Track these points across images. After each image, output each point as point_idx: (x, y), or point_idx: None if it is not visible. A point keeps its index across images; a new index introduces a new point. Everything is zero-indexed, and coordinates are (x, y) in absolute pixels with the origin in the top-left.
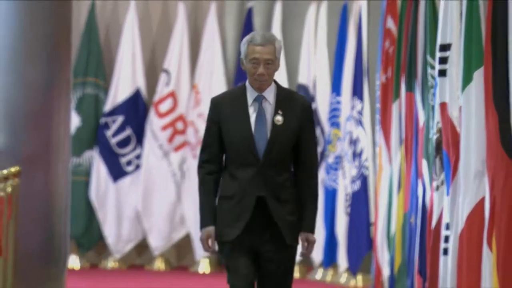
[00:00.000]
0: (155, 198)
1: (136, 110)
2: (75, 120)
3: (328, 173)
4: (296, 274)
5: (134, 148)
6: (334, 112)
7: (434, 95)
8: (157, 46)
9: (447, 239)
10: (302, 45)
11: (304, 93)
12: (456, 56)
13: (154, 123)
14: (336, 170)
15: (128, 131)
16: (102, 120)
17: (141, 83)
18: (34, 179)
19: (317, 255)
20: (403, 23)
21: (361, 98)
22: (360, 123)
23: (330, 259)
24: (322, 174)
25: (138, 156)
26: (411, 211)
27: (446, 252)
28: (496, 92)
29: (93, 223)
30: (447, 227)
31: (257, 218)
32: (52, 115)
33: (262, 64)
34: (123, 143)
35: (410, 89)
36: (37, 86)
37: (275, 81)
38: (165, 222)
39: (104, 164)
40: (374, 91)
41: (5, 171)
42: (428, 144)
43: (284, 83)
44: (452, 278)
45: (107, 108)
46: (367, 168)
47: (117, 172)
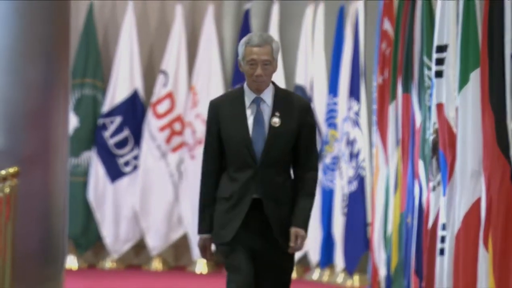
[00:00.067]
0: (152, 198)
1: (134, 111)
2: (73, 121)
3: (325, 173)
4: (293, 275)
5: (132, 149)
6: (331, 113)
7: (430, 96)
8: (155, 47)
9: (443, 239)
10: (299, 46)
11: (301, 94)
12: (452, 57)
13: (152, 124)
14: (333, 170)
15: (126, 132)
16: (100, 121)
17: (139, 84)
18: (33, 180)
19: (314, 255)
20: (399, 24)
21: (358, 99)
22: (357, 124)
23: (327, 259)
24: (319, 175)
25: (136, 157)
26: (407, 212)
27: (442, 252)
28: (493, 93)
29: (91, 223)
30: (444, 227)
31: (254, 220)
32: (50, 115)
33: (260, 65)
34: (121, 144)
35: (407, 90)
36: (35, 87)
37: (273, 82)
38: (162, 223)
39: (102, 164)
40: (371, 92)
41: (3, 172)
42: (424, 144)
43: (281, 84)
44: (448, 278)
45: (105, 109)
46: (364, 168)
47: (115, 172)
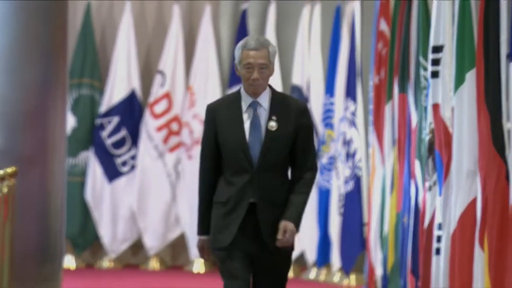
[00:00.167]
0: (150, 198)
1: (131, 111)
2: (71, 121)
3: (321, 173)
4: (290, 274)
5: (130, 149)
6: (328, 113)
7: (426, 96)
8: (152, 47)
9: (439, 239)
10: (296, 46)
11: (298, 94)
12: (448, 58)
13: (149, 124)
14: (329, 170)
15: (123, 132)
16: (98, 121)
17: (136, 84)
18: (30, 180)
19: (310, 254)
20: (396, 25)
21: (354, 99)
22: (353, 124)
23: (323, 259)
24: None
25: (134, 157)
26: (403, 211)
27: (438, 251)
28: (488, 93)
29: (88, 223)
30: (440, 227)
31: (251, 224)
32: (48, 115)
33: (256, 69)
34: (119, 144)
35: (403, 90)
36: (33, 87)
37: (270, 86)
38: (160, 222)
39: (100, 164)
40: (367, 92)
41: (1, 172)
42: (420, 144)
43: (278, 84)
44: (444, 278)
45: (103, 109)
46: (360, 168)
47: (112, 172)
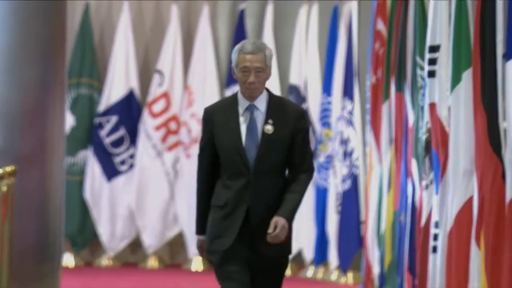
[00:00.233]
0: (148, 197)
1: (130, 110)
2: (70, 120)
3: (319, 172)
4: (288, 272)
5: (128, 148)
6: (325, 112)
7: (423, 95)
8: (150, 47)
9: (436, 237)
10: (294, 46)
11: (296, 93)
12: (445, 57)
13: (148, 123)
14: (327, 169)
15: (122, 131)
16: (96, 120)
17: (134, 84)
18: (29, 178)
19: (308, 253)
20: (393, 25)
21: (351, 99)
22: (350, 123)
23: (321, 257)
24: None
25: (132, 156)
26: (400, 210)
27: (435, 250)
28: (485, 92)
29: (87, 221)
30: (436, 225)
31: (248, 230)
32: (47, 115)
33: (253, 73)
34: (117, 143)
35: (400, 89)
36: (32, 86)
37: (268, 89)
38: (158, 221)
39: (98, 163)
40: (364, 92)
41: (0, 170)
42: (417, 143)
43: (276, 84)
44: (441, 276)
45: (101, 108)
46: (357, 167)
47: (111, 171)
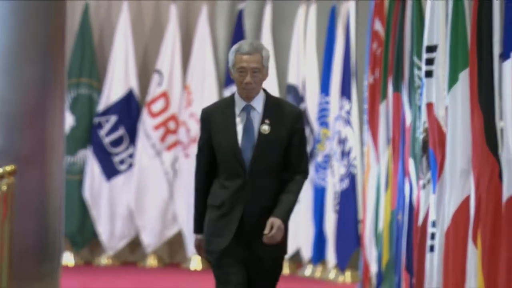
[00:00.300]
0: (147, 196)
1: (129, 110)
2: (69, 120)
3: (317, 171)
4: (286, 271)
5: (127, 147)
6: (323, 112)
7: (420, 95)
8: (149, 47)
9: (433, 236)
10: (292, 46)
11: (294, 93)
12: (442, 57)
13: (147, 123)
14: (325, 168)
15: (121, 131)
16: (96, 120)
17: (134, 84)
18: (29, 178)
19: (306, 251)
20: (390, 25)
21: (349, 98)
22: (348, 122)
23: (319, 256)
24: (311, 173)
25: (131, 155)
26: (398, 209)
27: (432, 249)
28: (482, 92)
29: (87, 221)
30: (434, 224)
31: (244, 229)
32: (47, 114)
33: (249, 73)
34: (116, 143)
35: (397, 89)
36: (32, 86)
37: (265, 90)
38: (157, 220)
39: (98, 163)
40: (362, 92)
41: (0, 170)
42: (415, 143)
43: (274, 84)
44: (438, 274)
45: (101, 108)
46: (355, 166)
47: (110, 170)
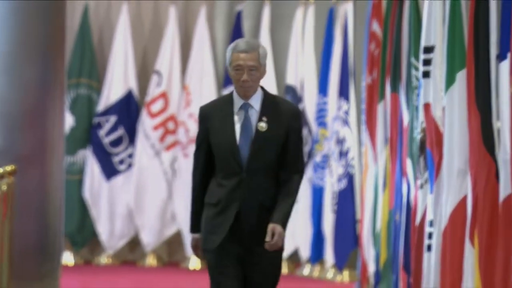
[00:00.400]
0: (147, 196)
1: (129, 111)
2: (69, 120)
3: (315, 171)
4: (284, 270)
5: (127, 148)
6: (321, 112)
7: (418, 95)
8: (148, 48)
9: (430, 235)
10: (290, 47)
11: (292, 94)
12: (439, 58)
13: (146, 123)
14: (323, 168)
15: (120, 131)
16: (95, 120)
17: (133, 84)
18: (29, 178)
19: (304, 251)
20: (388, 26)
21: (347, 99)
22: (346, 123)
23: (317, 255)
24: (309, 173)
25: (131, 155)
26: (396, 209)
27: (429, 248)
28: (479, 92)
29: (86, 220)
30: (431, 224)
31: (241, 227)
32: (46, 115)
33: (246, 71)
34: (116, 143)
35: (395, 90)
36: (32, 86)
37: (263, 88)
38: (156, 219)
39: (97, 163)
40: (359, 92)
41: (0, 170)
42: (412, 143)
43: (272, 84)
44: (435, 273)
45: (100, 108)
46: (353, 166)
47: (110, 170)
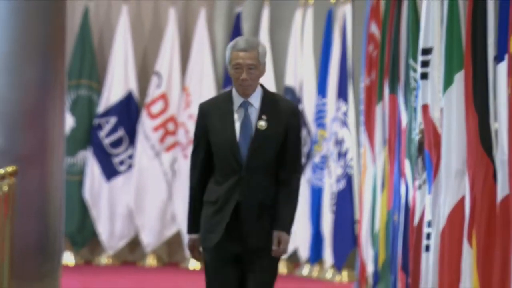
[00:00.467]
0: (147, 196)
1: (129, 112)
2: (70, 121)
3: (314, 172)
4: (284, 270)
5: (127, 148)
6: (320, 113)
7: (416, 97)
8: (148, 49)
9: (429, 236)
10: (289, 48)
11: (291, 95)
12: (437, 60)
13: (146, 124)
14: (322, 169)
15: (120, 132)
16: (96, 121)
17: (133, 85)
18: (30, 178)
19: (303, 251)
20: (386, 28)
21: (346, 100)
22: (345, 124)
23: (316, 256)
24: (308, 173)
25: (131, 156)
26: (394, 209)
27: (428, 248)
28: (476, 94)
29: (87, 220)
30: (429, 224)
31: (239, 224)
32: (47, 116)
33: (245, 70)
34: (116, 144)
35: (393, 91)
36: (32, 87)
37: (262, 86)
38: (156, 220)
39: (98, 163)
40: (358, 93)
41: (1, 171)
42: (410, 144)
43: (272, 85)
44: (433, 274)
45: (100, 109)
46: (352, 167)
47: (110, 171)
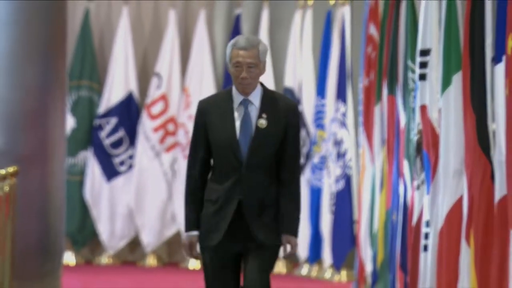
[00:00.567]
0: (147, 196)
1: (129, 112)
2: (70, 122)
3: (313, 172)
4: (283, 270)
5: (127, 149)
6: (319, 114)
7: (414, 98)
8: (149, 50)
9: (427, 236)
10: (288, 49)
11: (290, 95)
12: (435, 61)
13: (146, 125)
14: (321, 169)
15: (121, 133)
16: (96, 122)
17: (133, 86)
18: (31, 179)
19: (302, 251)
20: (384, 29)
21: (344, 101)
22: (344, 124)
23: (315, 255)
24: (307, 174)
25: (131, 157)
26: (393, 209)
27: (426, 248)
28: (474, 95)
29: (87, 220)
30: (427, 224)
31: (240, 222)
32: (48, 116)
33: (245, 68)
34: (117, 144)
35: (392, 92)
36: (33, 88)
37: (262, 84)
38: (156, 220)
39: (98, 164)
40: (357, 94)
41: (3, 171)
42: (409, 145)
43: (271, 86)
44: (432, 273)
45: (101, 110)
46: (350, 168)
47: (110, 172)
